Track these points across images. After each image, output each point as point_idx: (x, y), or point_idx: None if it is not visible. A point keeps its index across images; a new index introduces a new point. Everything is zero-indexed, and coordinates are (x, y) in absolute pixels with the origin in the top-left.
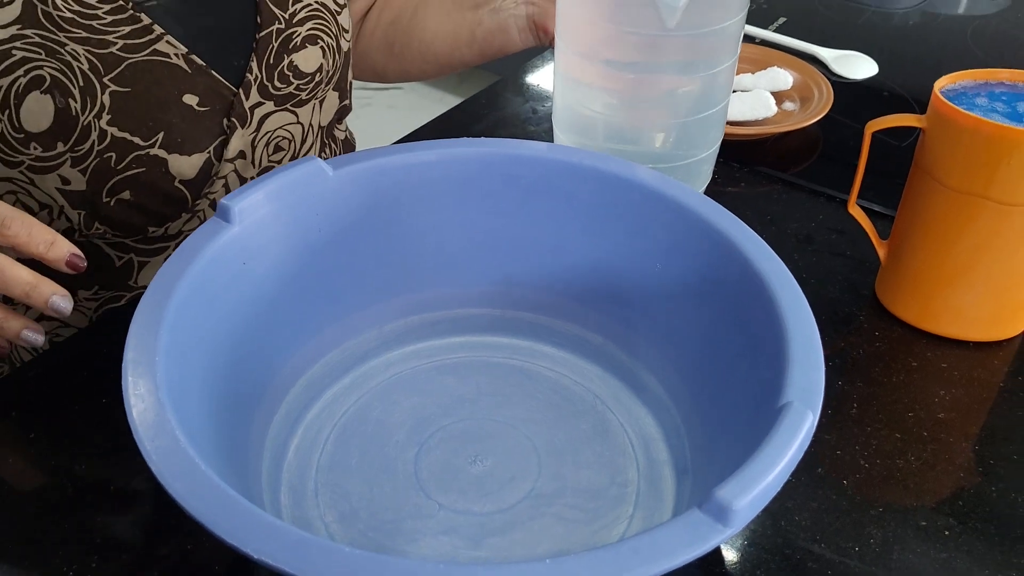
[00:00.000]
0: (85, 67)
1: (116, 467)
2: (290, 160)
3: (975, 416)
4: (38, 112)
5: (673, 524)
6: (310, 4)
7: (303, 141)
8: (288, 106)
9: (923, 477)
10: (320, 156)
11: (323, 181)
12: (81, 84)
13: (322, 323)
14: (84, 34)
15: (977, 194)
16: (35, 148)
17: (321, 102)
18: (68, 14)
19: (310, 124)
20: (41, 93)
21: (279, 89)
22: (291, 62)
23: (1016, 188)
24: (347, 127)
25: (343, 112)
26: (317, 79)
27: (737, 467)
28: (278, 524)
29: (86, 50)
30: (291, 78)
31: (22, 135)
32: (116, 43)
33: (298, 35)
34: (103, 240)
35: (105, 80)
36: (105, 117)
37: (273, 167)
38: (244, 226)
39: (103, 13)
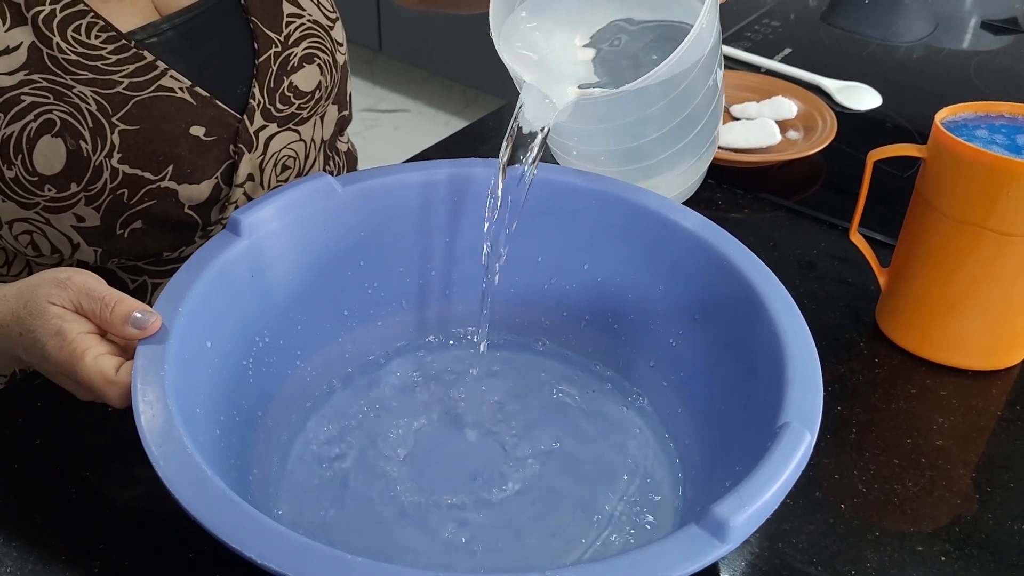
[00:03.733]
0: (93, 108)
1: (120, 473)
2: (296, 178)
3: (973, 444)
4: (50, 155)
5: (671, 539)
6: (303, 24)
7: (307, 157)
8: (291, 125)
9: (920, 503)
10: (324, 169)
11: (332, 197)
12: (91, 125)
13: (328, 336)
14: (90, 75)
15: (976, 224)
16: (49, 190)
17: (322, 117)
18: (73, 56)
19: (312, 140)
20: (52, 137)
21: (281, 111)
22: (291, 83)
23: (1015, 218)
24: (349, 139)
25: (343, 123)
26: (317, 96)
27: (735, 485)
28: (281, 530)
29: (93, 91)
30: (292, 99)
31: (36, 178)
32: (122, 82)
33: (295, 56)
34: (116, 265)
35: (114, 119)
36: (116, 156)
37: (280, 186)
38: (253, 239)
39: (107, 53)
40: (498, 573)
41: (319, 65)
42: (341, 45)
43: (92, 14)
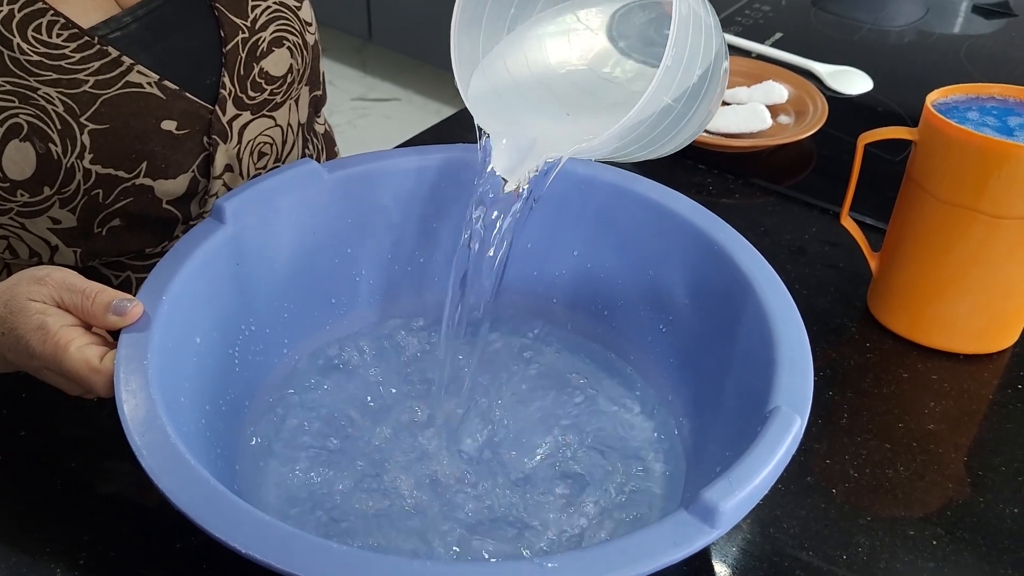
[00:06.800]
0: (60, 109)
1: (105, 464)
2: (275, 163)
3: (965, 428)
4: (20, 160)
5: (660, 525)
6: (269, 7)
7: (284, 142)
8: (265, 112)
9: (912, 487)
10: (303, 153)
11: (318, 183)
12: (59, 127)
13: (315, 323)
14: (55, 76)
15: (967, 206)
16: (22, 195)
17: (296, 100)
18: (35, 57)
19: (288, 124)
20: (20, 141)
21: (253, 98)
22: (261, 69)
23: (1006, 200)
24: (325, 120)
25: (318, 103)
26: (289, 80)
27: (725, 470)
28: (265, 520)
29: (59, 92)
30: (263, 85)
31: (7, 184)
32: (87, 80)
33: (263, 40)
34: (99, 262)
35: (82, 120)
36: (88, 157)
37: (260, 174)
38: (238, 227)
39: (70, 52)
40: (485, 560)
41: (289, 48)
42: (310, 25)
43: (52, 12)
